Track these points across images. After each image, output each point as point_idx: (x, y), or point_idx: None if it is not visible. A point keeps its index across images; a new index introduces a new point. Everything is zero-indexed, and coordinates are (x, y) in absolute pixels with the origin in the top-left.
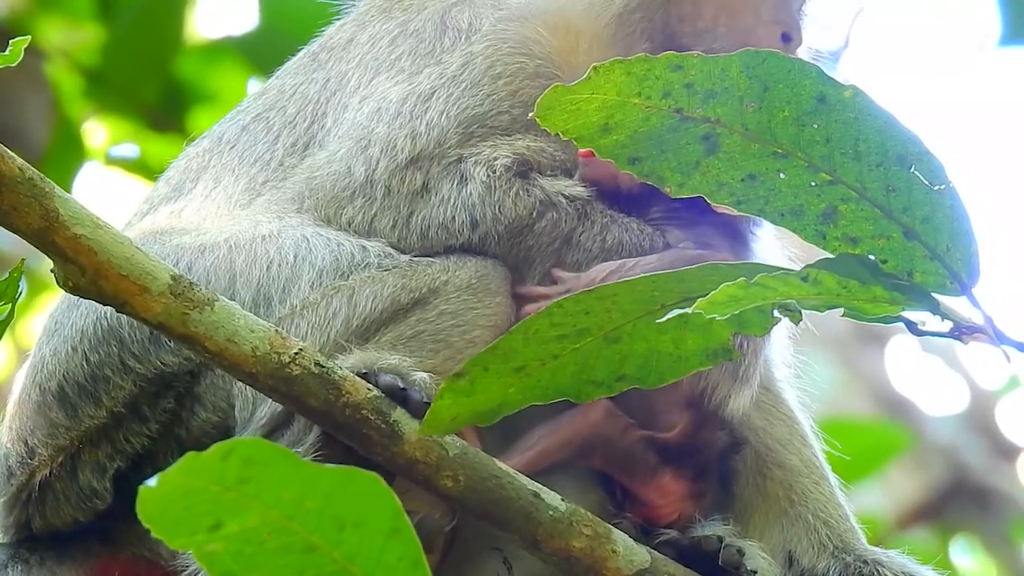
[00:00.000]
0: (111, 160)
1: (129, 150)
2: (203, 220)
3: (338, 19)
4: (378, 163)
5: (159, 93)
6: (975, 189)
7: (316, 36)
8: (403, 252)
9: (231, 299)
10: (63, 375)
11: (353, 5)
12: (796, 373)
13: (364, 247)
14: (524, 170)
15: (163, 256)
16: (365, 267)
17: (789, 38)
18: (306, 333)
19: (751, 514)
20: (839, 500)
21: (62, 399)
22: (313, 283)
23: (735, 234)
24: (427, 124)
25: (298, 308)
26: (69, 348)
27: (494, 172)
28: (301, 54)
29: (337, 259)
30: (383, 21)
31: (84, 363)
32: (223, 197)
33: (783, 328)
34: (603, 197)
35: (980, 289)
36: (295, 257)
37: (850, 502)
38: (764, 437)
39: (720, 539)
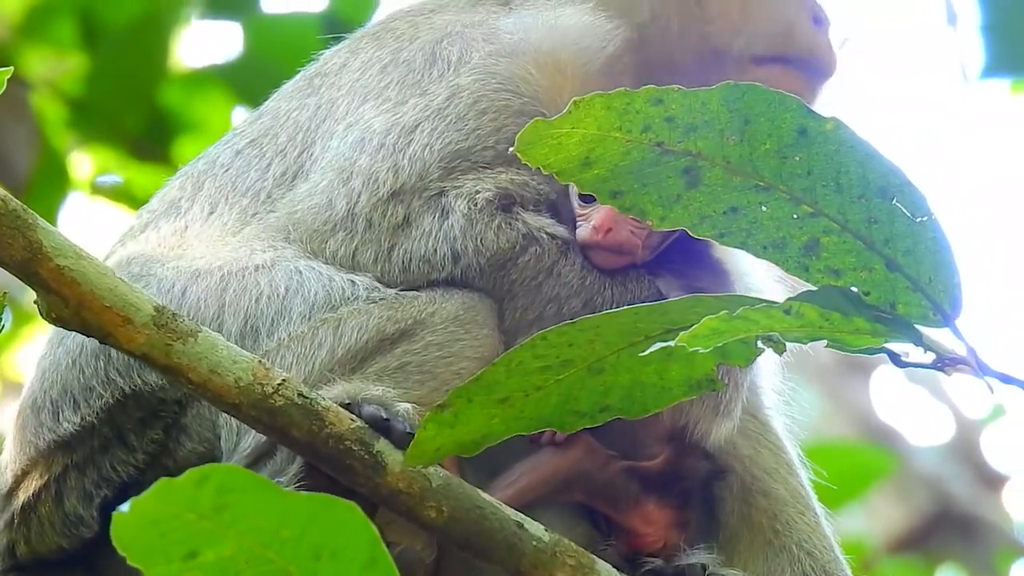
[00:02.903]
0: (96, 189)
1: (113, 179)
2: (200, 243)
3: (333, 44)
4: (359, 196)
5: (143, 122)
6: (957, 220)
7: (312, 60)
8: (388, 287)
9: (219, 328)
10: (62, 384)
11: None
12: (784, 400)
13: (353, 282)
14: (506, 204)
15: (162, 279)
16: (354, 300)
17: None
18: (291, 364)
19: (736, 543)
20: (824, 531)
21: (53, 403)
22: (303, 316)
23: (721, 278)
24: (410, 158)
25: (285, 341)
26: (70, 360)
27: (475, 205)
28: (299, 76)
29: (329, 293)
30: (375, 48)
31: (80, 375)
32: (218, 223)
33: (772, 356)
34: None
35: (963, 320)
36: (286, 290)
37: (835, 532)
38: (750, 466)
39: (704, 567)
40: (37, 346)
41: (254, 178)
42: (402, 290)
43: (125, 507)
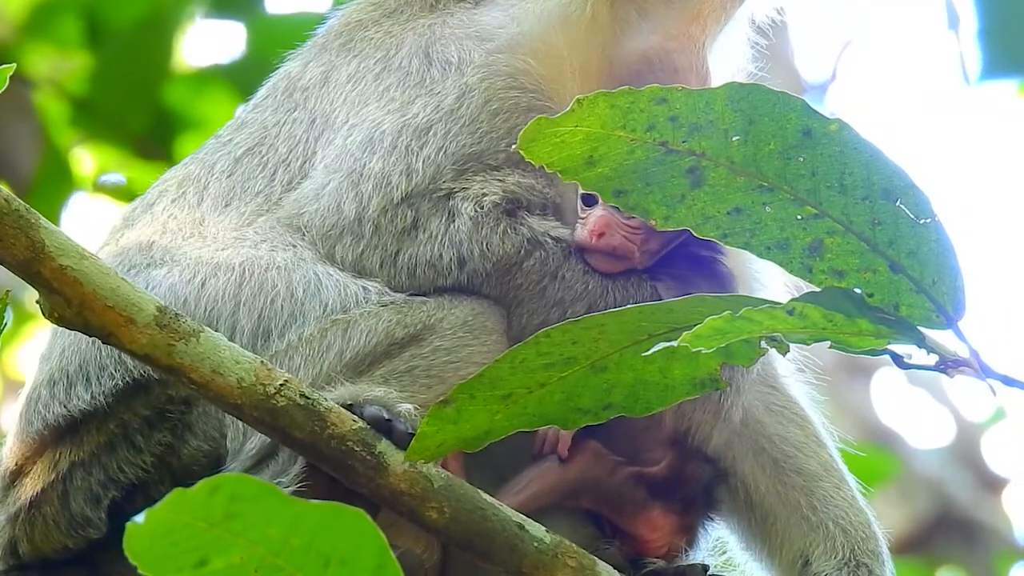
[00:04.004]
0: (99, 187)
1: (116, 178)
2: (221, 231)
3: (289, 56)
4: (370, 200)
5: (147, 121)
6: (960, 222)
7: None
8: (397, 292)
9: (233, 325)
10: (80, 360)
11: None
12: (798, 367)
13: (365, 288)
14: (512, 208)
15: (184, 266)
16: (365, 304)
17: None
18: (300, 366)
19: (772, 522)
20: (860, 504)
21: (68, 379)
22: (318, 320)
23: (726, 286)
24: (424, 161)
25: (294, 342)
26: (90, 339)
27: (482, 208)
28: (269, 88)
29: (344, 300)
30: (357, 60)
31: (98, 353)
32: (235, 213)
33: None
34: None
35: (966, 322)
36: (303, 292)
37: (870, 505)
38: (780, 443)
39: (705, 568)
40: (43, 337)
41: (261, 184)
42: (410, 295)
43: (140, 518)
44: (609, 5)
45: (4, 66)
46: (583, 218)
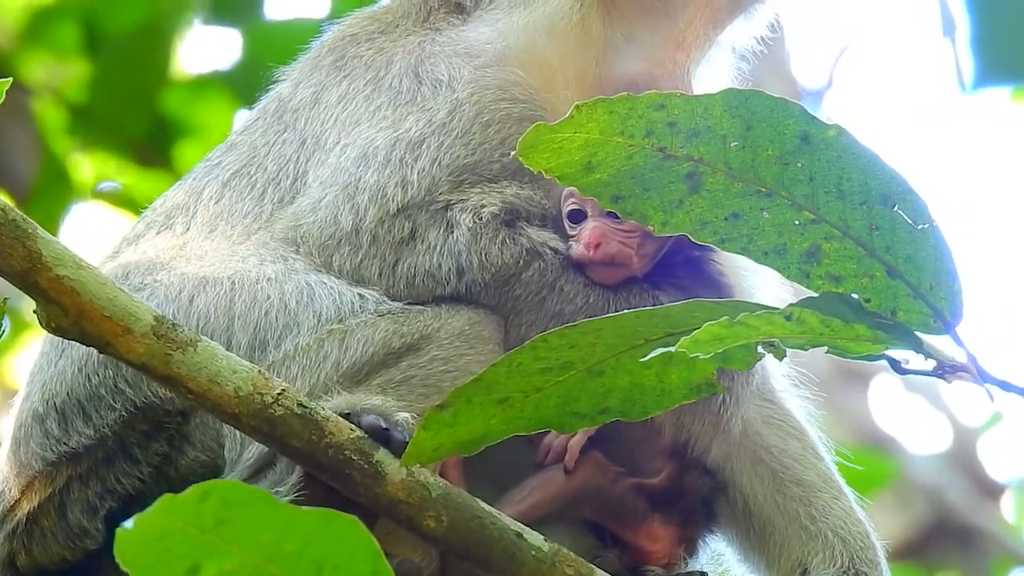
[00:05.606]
0: (98, 194)
1: (115, 185)
2: (206, 252)
3: (282, 74)
4: (367, 211)
5: (145, 127)
6: (958, 228)
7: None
8: (395, 301)
9: (228, 339)
10: (67, 392)
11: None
12: (794, 383)
13: (362, 296)
14: (511, 219)
15: (168, 285)
16: (362, 313)
17: None
18: (296, 375)
19: (770, 532)
20: (858, 515)
21: (60, 412)
22: (312, 330)
23: (726, 295)
24: (419, 173)
25: (291, 352)
26: (75, 369)
27: (480, 219)
28: (259, 110)
29: (339, 307)
30: (347, 80)
31: (87, 383)
32: (222, 237)
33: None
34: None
35: (963, 327)
36: (297, 303)
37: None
38: (779, 455)
39: (703, 574)
40: (29, 358)
41: (250, 205)
42: (408, 304)
43: (129, 523)
44: (599, 18)
45: (0, 81)
46: (574, 235)
